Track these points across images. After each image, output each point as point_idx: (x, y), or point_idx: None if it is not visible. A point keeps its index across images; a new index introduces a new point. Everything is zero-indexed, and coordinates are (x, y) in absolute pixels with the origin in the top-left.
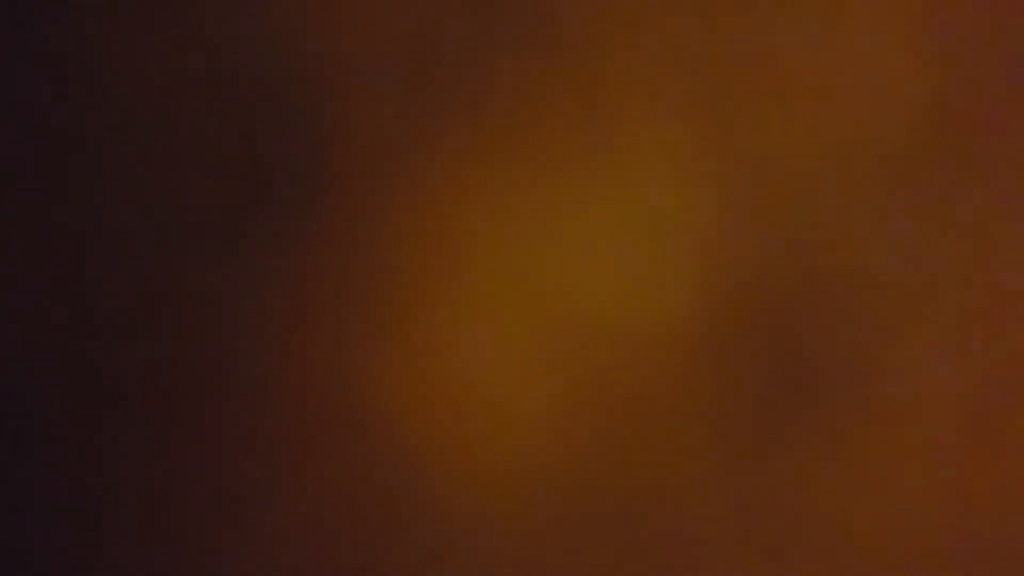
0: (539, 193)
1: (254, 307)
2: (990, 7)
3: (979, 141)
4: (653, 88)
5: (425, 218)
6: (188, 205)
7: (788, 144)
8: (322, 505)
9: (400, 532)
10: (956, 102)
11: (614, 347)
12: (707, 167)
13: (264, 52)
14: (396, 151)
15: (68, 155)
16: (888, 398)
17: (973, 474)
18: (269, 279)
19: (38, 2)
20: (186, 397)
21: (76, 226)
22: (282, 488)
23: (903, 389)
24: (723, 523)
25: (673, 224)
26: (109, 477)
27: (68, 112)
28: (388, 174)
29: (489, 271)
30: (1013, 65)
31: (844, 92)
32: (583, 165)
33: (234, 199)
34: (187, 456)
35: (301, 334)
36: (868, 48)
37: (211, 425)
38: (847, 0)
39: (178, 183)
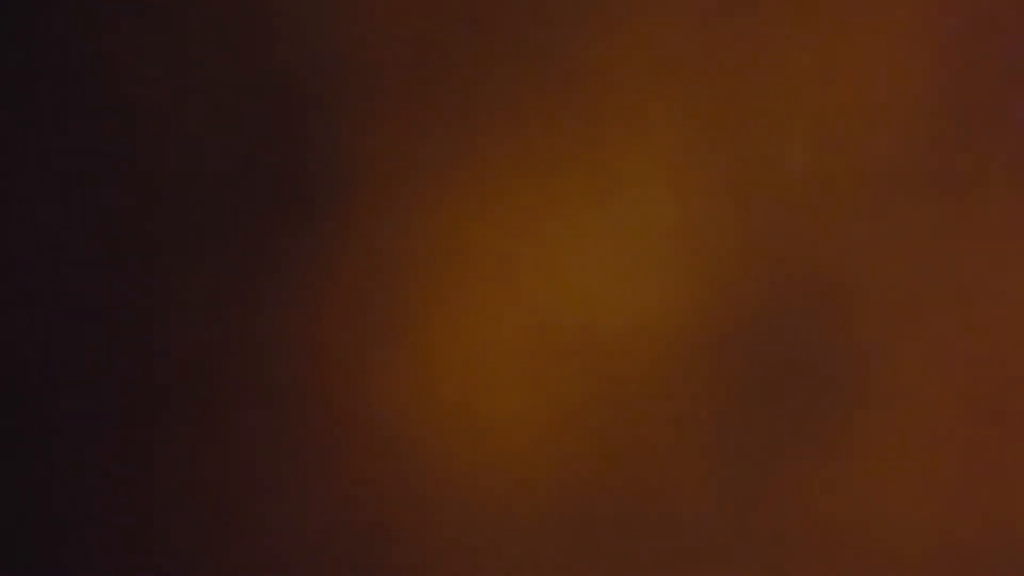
0: (540, 201)
1: (264, 315)
2: (988, 11)
3: (977, 147)
4: (650, 97)
5: (429, 227)
6: (197, 213)
7: (784, 149)
8: (329, 510)
9: (405, 536)
10: (953, 108)
11: (613, 353)
12: (703, 173)
13: (273, 62)
14: (401, 162)
15: (79, 162)
16: (884, 400)
17: (970, 476)
18: (277, 287)
19: (45, 6)
20: (195, 402)
21: (87, 233)
22: (289, 493)
23: (899, 391)
24: (721, 525)
25: (670, 231)
26: (117, 477)
27: (79, 119)
28: (393, 185)
29: (492, 278)
30: (1011, 70)
31: (838, 98)
32: (582, 173)
33: (243, 208)
34: (195, 459)
35: (309, 342)
36: (864, 54)
37: (219, 430)
38: (843, 7)
39: (188, 192)
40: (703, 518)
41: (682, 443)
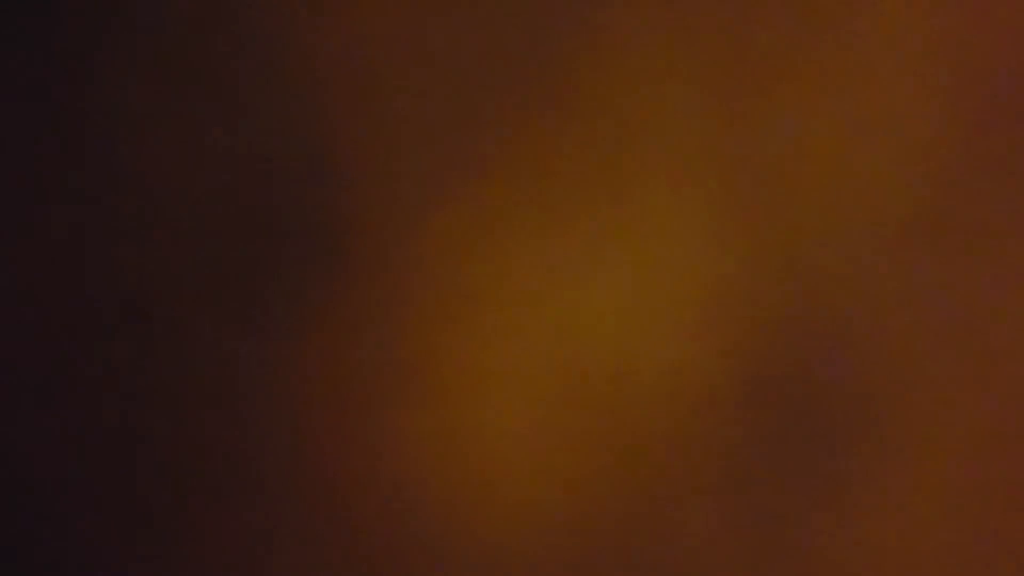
0: (553, 248)
1: (275, 372)
2: (1011, 47)
3: (996, 191)
4: (665, 142)
5: (441, 274)
6: (205, 272)
7: (800, 191)
8: (329, 553)
9: None
10: (975, 143)
11: (629, 396)
12: (719, 217)
13: (282, 122)
14: (413, 212)
15: (85, 220)
16: (901, 446)
17: (992, 520)
18: (289, 344)
19: (59, 72)
20: (206, 465)
21: (92, 295)
22: (290, 536)
23: (917, 437)
24: (735, 570)
25: (686, 272)
26: (125, 552)
27: (86, 177)
28: (406, 236)
29: (504, 326)
30: None
31: (860, 139)
32: (597, 217)
33: (252, 264)
34: (208, 528)
35: (321, 396)
36: (884, 91)
37: (232, 491)
38: (862, 46)
39: (195, 250)
40: (717, 564)
41: (698, 487)
